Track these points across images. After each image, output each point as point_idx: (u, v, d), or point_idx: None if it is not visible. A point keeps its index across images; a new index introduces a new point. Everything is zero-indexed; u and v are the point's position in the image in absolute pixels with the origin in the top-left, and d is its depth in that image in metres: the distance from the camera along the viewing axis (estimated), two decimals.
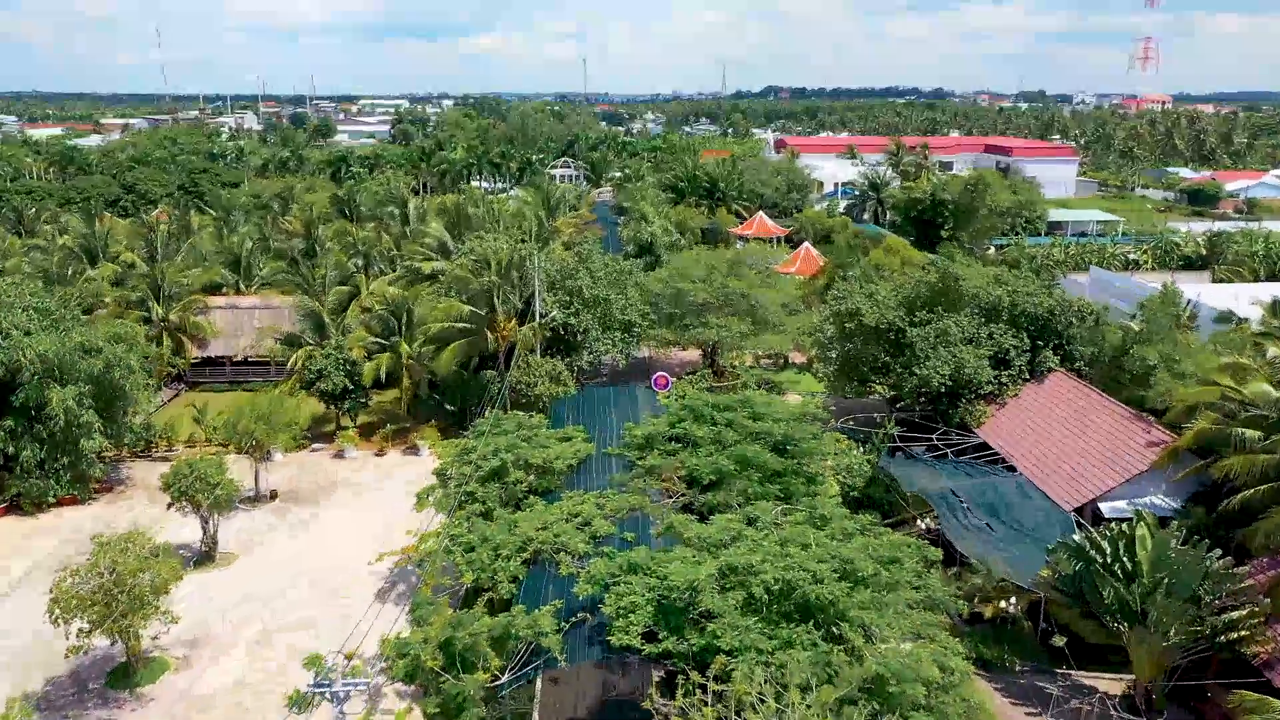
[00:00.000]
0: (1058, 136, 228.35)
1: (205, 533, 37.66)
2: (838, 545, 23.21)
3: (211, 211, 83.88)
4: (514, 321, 50.87)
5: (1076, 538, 30.84)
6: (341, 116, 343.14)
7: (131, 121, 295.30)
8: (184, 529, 38.74)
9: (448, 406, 52.15)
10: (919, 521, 36.89)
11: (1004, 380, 44.25)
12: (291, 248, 69.09)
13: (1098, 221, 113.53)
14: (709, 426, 33.34)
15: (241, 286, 66.44)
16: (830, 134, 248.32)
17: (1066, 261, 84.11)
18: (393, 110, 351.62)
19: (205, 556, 37.77)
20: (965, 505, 35.34)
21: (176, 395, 59.13)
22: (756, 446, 32.06)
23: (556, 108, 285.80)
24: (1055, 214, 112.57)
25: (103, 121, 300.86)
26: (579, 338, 52.39)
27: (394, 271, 64.52)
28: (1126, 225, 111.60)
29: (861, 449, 42.40)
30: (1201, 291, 56.33)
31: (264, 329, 56.06)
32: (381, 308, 53.11)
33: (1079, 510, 35.30)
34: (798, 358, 61.15)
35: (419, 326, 51.66)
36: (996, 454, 41.22)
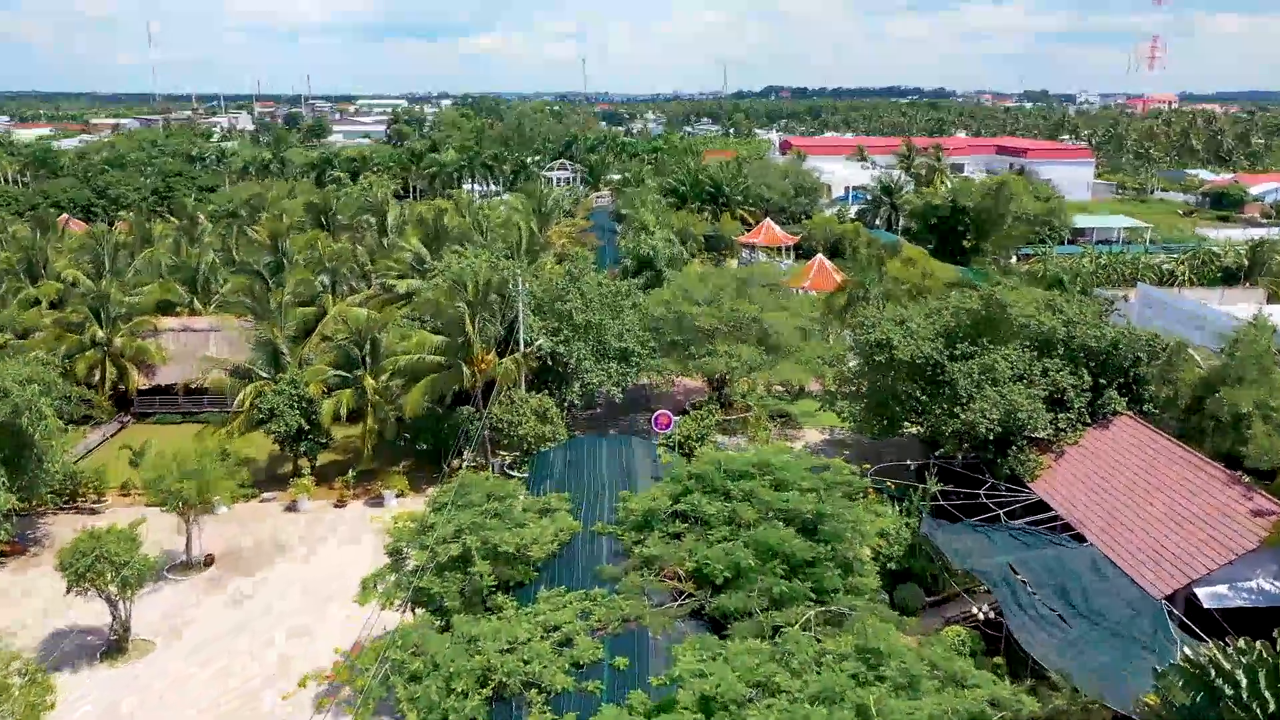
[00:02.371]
0: (1068, 137, 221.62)
1: (115, 619, 31.38)
2: (906, 709, 16.95)
3: (175, 219, 77.26)
4: (493, 353, 44.56)
5: (1187, 651, 24.63)
6: (338, 116, 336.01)
7: (123, 121, 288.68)
8: (98, 607, 32.45)
9: (419, 446, 45.93)
10: (974, 608, 30.68)
11: (1061, 425, 38.00)
12: (256, 262, 62.69)
13: (1123, 228, 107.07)
14: (721, 501, 27.10)
15: (198, 305, 60.02)
16: (835, 134, 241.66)
17: (1098, 274, 77.82)
18: (390, 110, 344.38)
19: (115, 647, 31.49)
20: (1028, 586, 29.29)
21: (121, 429, 52.92)
22: (780, 528, 25.84)
23: (556, 107, 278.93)
24: (1078, 220, 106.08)
25: (93, 121, 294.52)
26: (570, 368, 46.16)
27: (366, 290, 58.29)
28: (1154, 232, 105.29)
29: (896, 506, 36.18)
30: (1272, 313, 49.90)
31: (211, 358, 49.42)
32: (345, 335, 46.88)
33: (1169, 598, 29.10)
34: (815, 384, 54.74)
35: (386, 357, 45.36)
36: (1056, 515, 35.00)
